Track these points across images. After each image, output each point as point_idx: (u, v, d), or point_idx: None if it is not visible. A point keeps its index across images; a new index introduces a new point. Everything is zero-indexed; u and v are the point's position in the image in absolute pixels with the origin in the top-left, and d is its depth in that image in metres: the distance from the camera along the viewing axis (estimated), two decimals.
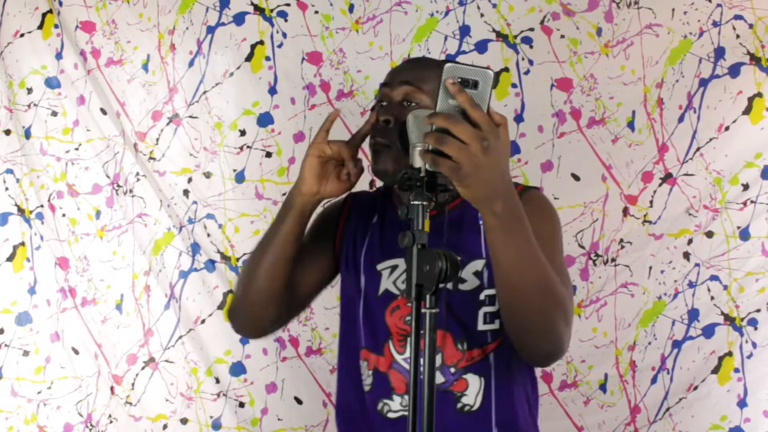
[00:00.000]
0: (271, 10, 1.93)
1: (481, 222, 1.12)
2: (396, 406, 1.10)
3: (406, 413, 1.08)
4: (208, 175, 1.94)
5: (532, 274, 0.93)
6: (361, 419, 1.14)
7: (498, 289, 0.97)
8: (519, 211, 0.90)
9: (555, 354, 1.03)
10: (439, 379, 1.09)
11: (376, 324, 1.13)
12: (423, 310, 0.83)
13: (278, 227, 1.13)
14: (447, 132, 0.79)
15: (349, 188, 1.13)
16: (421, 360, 0.83)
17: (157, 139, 1.94)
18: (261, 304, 1.14)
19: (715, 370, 1.88)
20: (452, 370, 1.10)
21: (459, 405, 1.09)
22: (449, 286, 1.09)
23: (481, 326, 1.10)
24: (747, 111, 1.86)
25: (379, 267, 1.14)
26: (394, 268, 1.13)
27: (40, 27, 1.93)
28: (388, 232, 1.17)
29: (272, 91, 1.93)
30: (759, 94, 1.86)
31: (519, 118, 1.90)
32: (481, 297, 1.10)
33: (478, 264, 1.11)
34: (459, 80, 0.79)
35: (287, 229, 1.12)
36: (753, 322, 1.87)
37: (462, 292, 1.10)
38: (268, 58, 1.93)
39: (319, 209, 1.21)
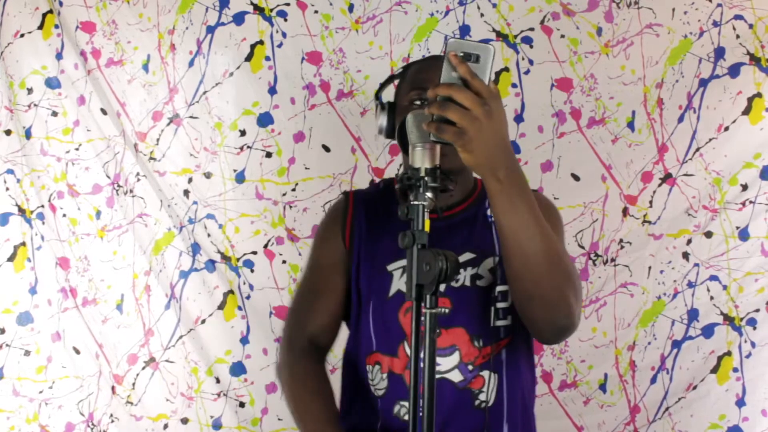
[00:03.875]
0: (271, 10, 1.93)
1: (491, 219, 1.13)
2: None
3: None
4: (208, 175, 1.94)
5: (538, 240, 0.94)
6: (373, 427, 1.13)
7: (506, 260, 0.98)
8: (522, 179, 0.93)
9: (567, 327, 1.04)
10: (458, 377, 1.10)
11: (390, 325, 1.12)
12: (423, 310, 0.84)
13: None
14: (450, 100, 0.83)
15: None
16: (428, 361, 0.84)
17: (158, 140, 1.94)
18: None
19: (714, 370, 1.88)
20: (470, 367, 1.10)
21: (477, 402, 1.10)
22: (467, 282, 1.10)
23: (494, 322, 1.11)
24: (746, 111, 1.86)
25: (390, 268, 1.14)
26: (405, 268, 1.13)
27: (41, 27, 1.93)
28: (396, 232, 1.16)
29: (272, 91, 1.93)
30: (758, 95, 1.86)
31: (519, 118, 1.90)
32: (495, 293, 1.12)
33: (493, 261, 1.12)
34: (462, 54, 0.83)
35: None
36: (752, 322, 1.88)
37: (479, 289, 1.12)
38: (267, 58, 1.93)
39: (322, 220, 1.24)
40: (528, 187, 0.94)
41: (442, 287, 1.09)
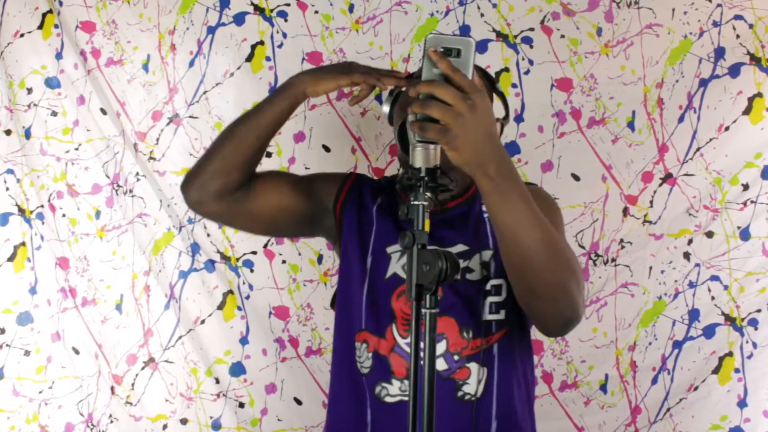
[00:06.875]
0: (271, 10, 1.93)
1: (486, 215, 1.13)
2: (395, 390, 1.10)
3: (404, 398, 1.09)
4: None
5: (536, 234, 0.92)
6: (356, 403, 1.14)
7: (505, 256, 0.96)
8: (514, 172, 0.90)
9: (572, 319, 1.03)
10: (442, 365, 1.09)
11: (380, 307, 1.12)
12: (423, 310, 0.84)
13: (272, 105, 1.22)
14: (432, 98, 0.81)
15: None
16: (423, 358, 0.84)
17: (157, 139, 1.94)
18: (222, 169, 1.22)
19: (716, 371, 1.88)
20: (456, 357, 1.10)
21: (459, 393, 1.10)
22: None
23: (486, 316, 1.11)
24: (747, 111, 1.86)
25: (389, 250, 1.15)
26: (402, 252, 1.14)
27: (40, 27, 1.93)
28: (399, 220, 1.17)
29: (273, 90, 1.93)
30: (759, 94, 1.86)
31: (519, 118, 1.90)
32: (488, 287, 1.12)
33: (485, 255, 1.12)
34: (442, 50, 0.81)
35: (281, 107, 1.21)
36: (753, 323, 1.87)
37: (469, 282, 1.11)
38: (268, 59, 1.93)
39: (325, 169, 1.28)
40: (521, 180, 0.92)
41: None
